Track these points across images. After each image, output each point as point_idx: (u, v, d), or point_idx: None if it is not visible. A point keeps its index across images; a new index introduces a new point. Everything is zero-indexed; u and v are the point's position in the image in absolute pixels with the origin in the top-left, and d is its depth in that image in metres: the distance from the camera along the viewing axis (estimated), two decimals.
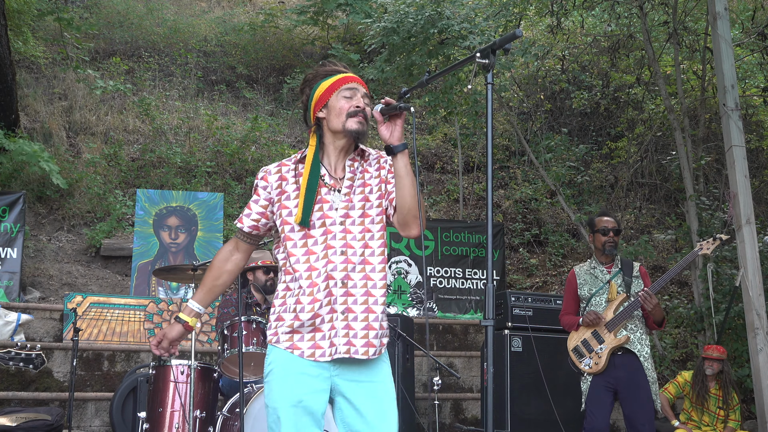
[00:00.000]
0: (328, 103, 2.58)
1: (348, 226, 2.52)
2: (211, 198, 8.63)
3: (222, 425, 4.58)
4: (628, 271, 4.72)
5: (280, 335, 2.52)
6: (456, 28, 8.22)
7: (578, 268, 4.82)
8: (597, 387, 4.51)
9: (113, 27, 12.48)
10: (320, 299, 2.47)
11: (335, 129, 2.56)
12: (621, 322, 4.52)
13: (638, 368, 4.50)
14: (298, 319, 2.48)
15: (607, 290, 4.66)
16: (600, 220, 4.75)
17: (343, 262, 2.49)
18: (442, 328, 7.99)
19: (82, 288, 7.89)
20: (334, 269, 2.48)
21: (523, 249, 9.90)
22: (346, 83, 2.57)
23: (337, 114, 2.55)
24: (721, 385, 5.68)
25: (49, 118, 9.99)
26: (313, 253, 2.50)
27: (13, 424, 5.08)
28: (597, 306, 4.64)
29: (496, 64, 2.21)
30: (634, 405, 4.46)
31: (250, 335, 4.62)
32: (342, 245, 2.50)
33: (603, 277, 4.69)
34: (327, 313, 2.47)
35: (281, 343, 2.51)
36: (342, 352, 2.45)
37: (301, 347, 2.48)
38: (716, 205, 7.99)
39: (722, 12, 6.26)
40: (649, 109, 10.52)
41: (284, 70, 12.31)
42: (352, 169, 2.60)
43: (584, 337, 4.59)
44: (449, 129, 11.64)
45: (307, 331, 2.48)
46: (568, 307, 4.78)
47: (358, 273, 2.50)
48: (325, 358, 2.46)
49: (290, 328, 2.49)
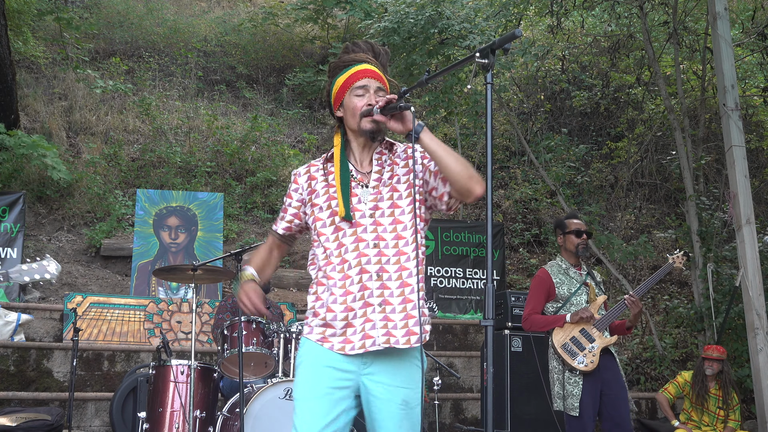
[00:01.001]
0: (343, 102, 2.59)
1: (378, 218, 2.52)
2: (211, 198, 8.63)
3: (222, 425, 4.58)
4: (593, 275, 4.73)
5: (314, 328, 2.52)
6: (456, 28, 8.22)
7: (549, 268, 4.72)
8: (590, 391, 4.42)
9: (113, 27, 12.48)
10: (353, 292, 2.46)
11: (352, 128, 2.59)
12: (608, 323, 4.52)
13: (618, 369, 4.52)
14: (331, 311, 2.48)
15: (586, 291, 4.64)
16: (571, 222, 4.70)
17: (376, 254, 2.48)
18: (442, 328, 7.99)
19: (82, 288, 7.89)
20: (368, 262, 2.47)
21: (523, 249, 9.90)
22: (357, 80, 2.56)
23: (351, 114, 2.56)
24: (720, 385, 5.67)
25: (49, 118, 9.99)
26: (344, 245, 2.50)
27: (13, 424, 5.08)
28: (578, 306, 4.59)
29: (496, 64, 2.21)
30: (619, 405, 4.43)
31: (249, 335, 4.63)
32: (374, 238, 2.50)
33: (578, 278, 4.66)
34: (360, 307, 2.46)
35: (313, 335, 2.52)
36: (381, 343, 2.43)
37: (332, 341, 2.48)
38: (716, 205, 8.00)
39: (722, 12, 6.26)
40: (649, 109, 10.53)
41: (284, 70, 12.31)
42: (380, 162, 2.61)
43: (573, 335, 4.51)
44: (449, 129, 11.64)
45: (340, 326, 2.47)
46: (538, 307, 4.64)
47: (392, 265, 2.49)
48: (355, 351, 2.44)
49: (323, 321, 2.49)
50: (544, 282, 4.63)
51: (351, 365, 2.47)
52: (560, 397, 4.50)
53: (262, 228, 9.40)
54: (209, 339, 7.21)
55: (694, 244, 7.70)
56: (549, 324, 4.58)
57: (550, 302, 4.66)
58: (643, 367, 7.86)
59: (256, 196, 9.82)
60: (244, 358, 4.49)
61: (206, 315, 7.31)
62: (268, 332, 4.70)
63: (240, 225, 9.37)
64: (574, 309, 4.58)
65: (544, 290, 4.63)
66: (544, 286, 4.63)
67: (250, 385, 4.69)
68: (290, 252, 8.57)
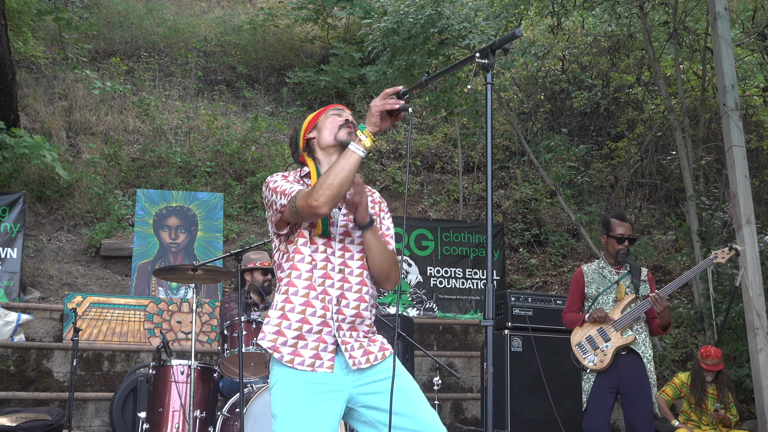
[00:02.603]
0: (317, 124, 2.68)
1: (347, 245, 2.57)
2: (211, 198, 8.63)
3: (222, 425, 4.58)
4: (637, 274, 4.72)
5: (279, 346, 2.53)
6: (456, 28, 8.21)
7: (586, 267, 4.81)
8: (600, 388, 4.50)
9: (113, 27, 12.48)
10: (315, 307, 2.50)
11: (327, 144, 2.63)
12: (628, 322, 4.52)
13: (642, 369, 4.51)
14: (296, 330, 2.51)
15: (615, 290, 4.65)
16: (616, 224, 4.67)
17: (340, 280, 2.53)
18: (442, 328, 7.99)
19: (82, 288, 7.89)
20: (331, 285, 2.51)
21: (523, 249, 9.90)
22: (333, 107, 2.70)
23: (328, 129, 2.63)
24: (718, 385, 5.70)
25: (49, 118, 9.99)
26: (313, 266, 2.53)
27: (13, 424, 5.08)
28: (604, 305, 4.64)
29: (496, 64, 2.21)
30: (636, 406, 4.46)
31: (250, 335, 4.63)
32: (340, 263, 2.54)
33: (611, 277, 4.69)
34: (318, 324, 2.50)
35: (284, 356, 2.51)
36: (350, 365, 2.50)
37: (303, 355, 2.50)
38: (716, 205, 7.99)
39: (722, 12, 6.26)
40: (649, 109, 10.53)
41: (284, 70, 12.31)
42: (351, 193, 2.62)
43: (589, 334, 4.58)
44: (449, 129, 11.64)
45: (302, 343, 2.51)
46: (573, 305, 4.77)
47: (354, 293, 2.54)
48: (323, 369, 2.48)
49: (293, 339, 2.51)
50: (578, 281, 4.78)
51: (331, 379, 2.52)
52: (586, 394, 4.64)
53: (262, 228, 9.40)
54: (209, 339, 7.21)
55: (694, 244, 7.69)
56: (573, 322, 4.73)
57: (587, 300, 4.77)
58: None
59: (256, 196, 9.82)
60: (244, 358, 4.49)
61: (206, 315, 7.31)
62: None
63: (240, 225, 9.37)
64: (599, 307, 4.64)
65: (578, 289, 4.78)
66: (578, 286, 4.77)
67: (250, 385, 4.69)
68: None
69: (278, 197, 2.52)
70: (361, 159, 2.41)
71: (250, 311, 5.20)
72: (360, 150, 2.41)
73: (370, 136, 2.42)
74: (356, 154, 2.40)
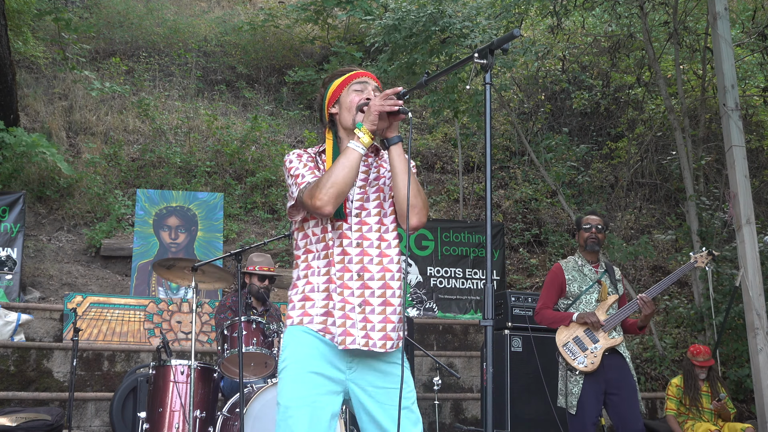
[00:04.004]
0: (339, 98, 2.64)
1: (364, 218, 2.56)
2: (211, 198, 8.63)
3: (222, 425, 4.58)
4: (612, 273, 4.72)
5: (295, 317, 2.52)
6: (458, 27, 8.20)
7: (564, 263, 4.73)
8: (590, 391, 4.42)
9: (113, 27, 12.48)
10: (335, 290, 2.48)
11: (347, 125, 2.61)
12: (615, 323, 4.51)
13: (627, 370, 4.49)
14: (311, 309, 2.50)
15: (598, 290, 4.64)
16: (586, 218, 4.74)
17: (359, 254, 2.50)
18: (442, 328, 7.99)
19: (82, 288, 7.89)
20: (350, 261, 2.49)
21: (523, 249, 9.90)
22: (356, 78, 2.64)
23: (347, 109, 2.61)
24: (710, 382, 5.72)
25: (49, 118, 10.00)
26: (330, 246, 2.51)
27: (13, 424, 5.08)
28: (587, 304, 4.59)
29: (496, 63, 2.21)
30: (627, 406, 4.43)
31: (250, 335, 4.63)
32: (358, 237, 2.52)
33: (592, 275, 4.66)
34: (339, 301, 2.46)
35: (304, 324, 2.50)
36: (360, 344, 2.44)
37: (333, 332, 2.47)
38: (716, 205, 8.00)
39: (722, 12, 6.26)
40: (649, 110, 10.53)
41: (284, 70, 12.31)
42: (367, 163, 2.64)
43: (576, 335, 4.52)
44: (449, 129, 11.65)
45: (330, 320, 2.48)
46: (549, 302, 4.67)
47: (375, 265, 2.51)
48: (355, 345, 2.44)
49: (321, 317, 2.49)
50: (557, 277, 4.67)
51: (339, 364, 2.48)
52: (563, 394, 4.53)
53: (262, 228, 9.40)
54: (209, 339, 7.21)
55: (694, 244, 7.69)
56: (557, 321, 4.61)
57: (561, 299, 4.68)
58: (643, 367, 7.86)
59: (256, 196, 9.82)
60: (244, 358, 4.49)
61: (206, 315, 7.31)
62: (268, 332, 4.70)
63: (240, 225, 9.37)
64: (583, 307, 4.59)
65: (556, 285, 4.67)
66: (557, 281, 4.66)
67: (250, 385, 4.69)
68: (290, 252, 8.56)
69: (292, 182, 2.55)
70: (361, 156, 2.45)
71: (249, 311, 5.20)
72: (359, 147, 2.45)
73: (368, 134, 2.46)
74: (356, 152, 2.44)
